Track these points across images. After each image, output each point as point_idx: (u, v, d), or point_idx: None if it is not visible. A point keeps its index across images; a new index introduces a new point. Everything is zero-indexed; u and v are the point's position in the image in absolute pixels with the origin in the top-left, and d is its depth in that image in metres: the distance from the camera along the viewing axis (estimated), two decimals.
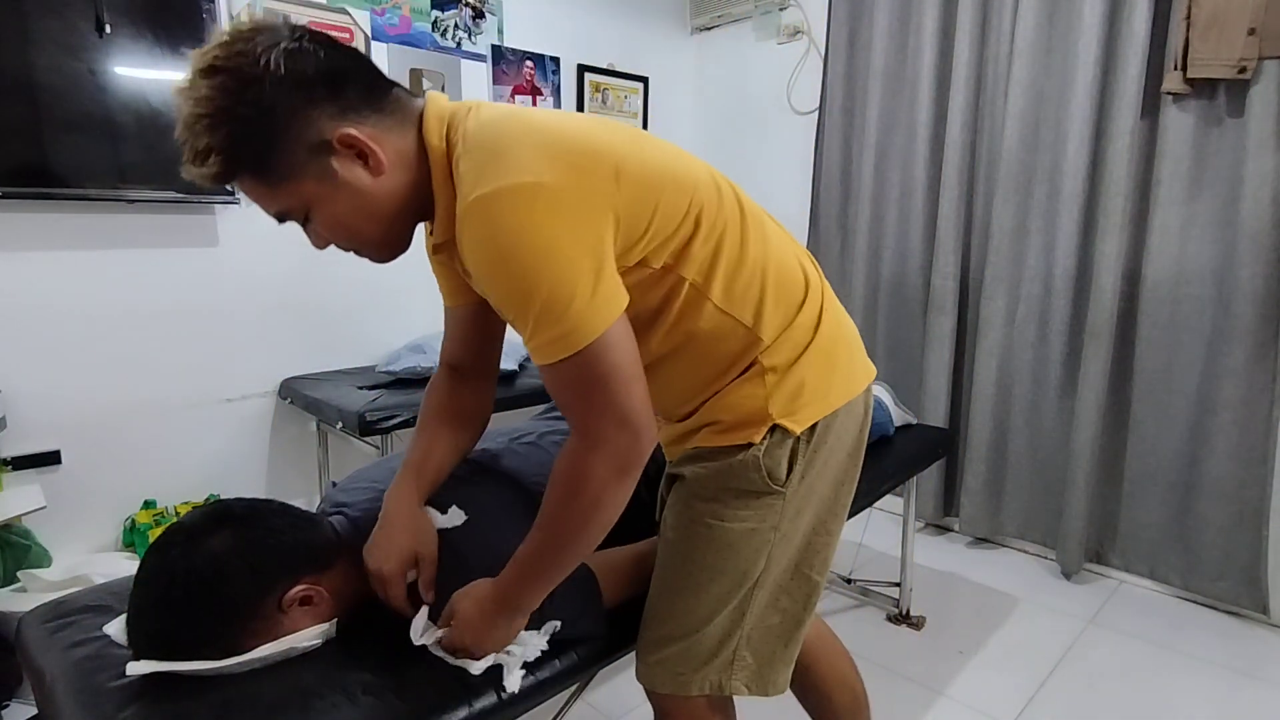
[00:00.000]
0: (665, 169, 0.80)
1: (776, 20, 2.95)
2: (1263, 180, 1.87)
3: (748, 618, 0.93)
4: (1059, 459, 2.29)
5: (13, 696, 1.61)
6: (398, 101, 0.79)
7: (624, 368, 0.75)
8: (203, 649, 0.82)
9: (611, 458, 0.76)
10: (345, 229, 0.80)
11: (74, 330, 1.89)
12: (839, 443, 0.93)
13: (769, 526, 0.90)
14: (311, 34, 0.75)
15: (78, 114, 1.77)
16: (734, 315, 0.85)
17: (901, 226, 2.59)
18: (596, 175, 0.74)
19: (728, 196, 0.86)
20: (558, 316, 0.71)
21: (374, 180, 0.77)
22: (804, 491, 0.91)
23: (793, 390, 0.88)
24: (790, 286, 0.89)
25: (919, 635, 1.97)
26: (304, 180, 0.75)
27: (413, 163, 0.79)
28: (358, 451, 2.29)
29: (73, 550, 1.92)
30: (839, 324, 0.95)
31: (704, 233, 0.82)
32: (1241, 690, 1.74)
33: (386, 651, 0.89)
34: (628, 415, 0.75)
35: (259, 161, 0.73)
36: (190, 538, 0.86)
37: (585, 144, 0.75)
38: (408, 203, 0.80)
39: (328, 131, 0.73)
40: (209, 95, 0.69)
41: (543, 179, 0.70)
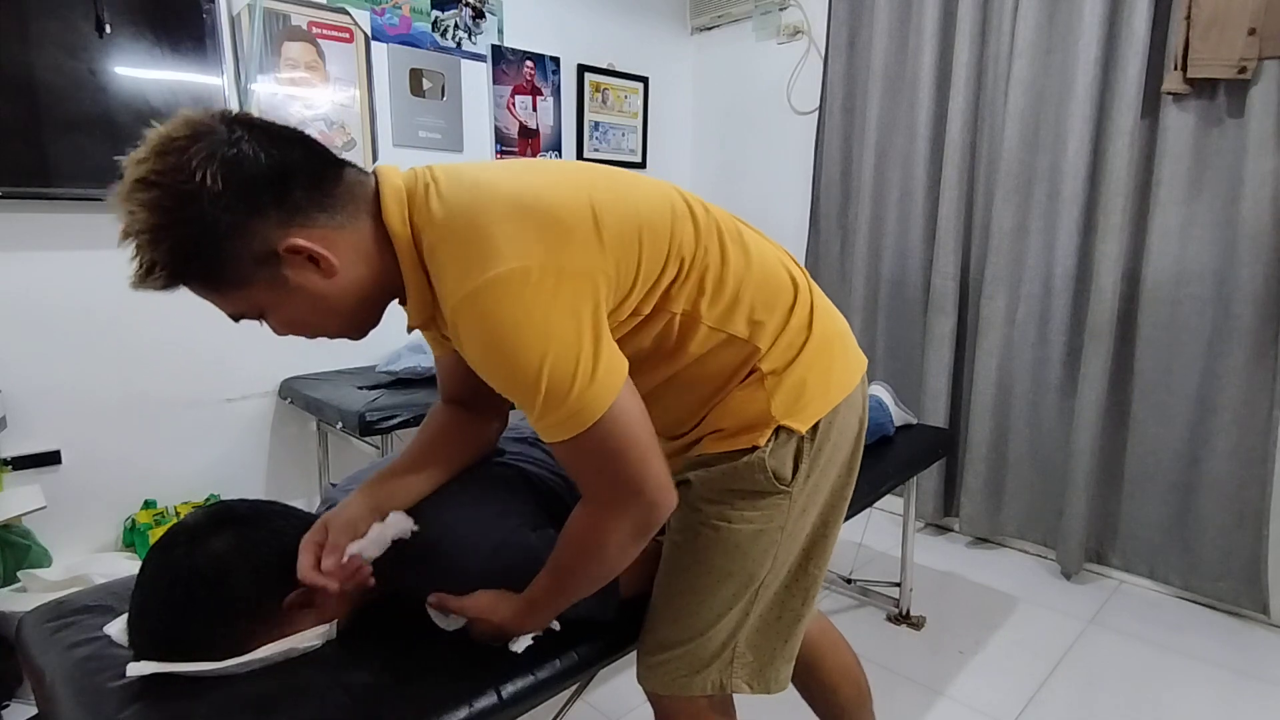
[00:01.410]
0: (637, 215, 0.78)
1: (776, 20, 2.95)
2: (1263, 180, 1.87)
3: (750, 617, 0.94)
4: (1059, 459, 2.29)
5: (13, 696, 1.61)
6: (349, 191, 0.75)
7: (636, 437, 0.75)
8: (204, 650, 0.82)
9: (629, 526, 0.78)
10: (305, 326, 0.79)
11: (74, 330, 1.89)
12: (842, 438, 0.94)
13: (776, 527, 0.90)
14: (251, 129, 0.70)
15: (78, 114, 1.77)
16: (728, 331, 0.85)
17: (901, 226, 2.59)
18: (578, 240, 0.72)
19: (700, 219, 0.85)
20: (562, 399, 0.71)
21: (328, 282, 0.74)
22: (809, 490, 0.91)
23: (794, 391, 0.88)
24: (778, 291, 0.89)
25: (919, 635, 1.97)
26: (254, 288, 0.72)
27: (373, 252, 0.76)
28: (358, 451, 2.29)
29: (73, 550, 1.92)
30: (830, 320, 0.95)
31: (686, 264, 0.82)
32: (1241, 690, 1.74)
33: (387, 652, 0.89)
34: (644, 486, 0.76)
35: (205, 275, 0.71)
36: (193, 538, 0.86)
37: (561, 208, 0.73)
38: (370, 293, 0.79)
39: (274, 242, 0.70)
40: (145, 213, 0.66)
41: (529, 262, 0.68)
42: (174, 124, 0.68)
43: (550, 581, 0.86)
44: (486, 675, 0.87)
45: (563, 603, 0.88)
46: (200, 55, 1.93)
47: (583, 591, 0.87)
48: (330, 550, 0.83)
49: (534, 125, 2.79)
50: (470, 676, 0.87)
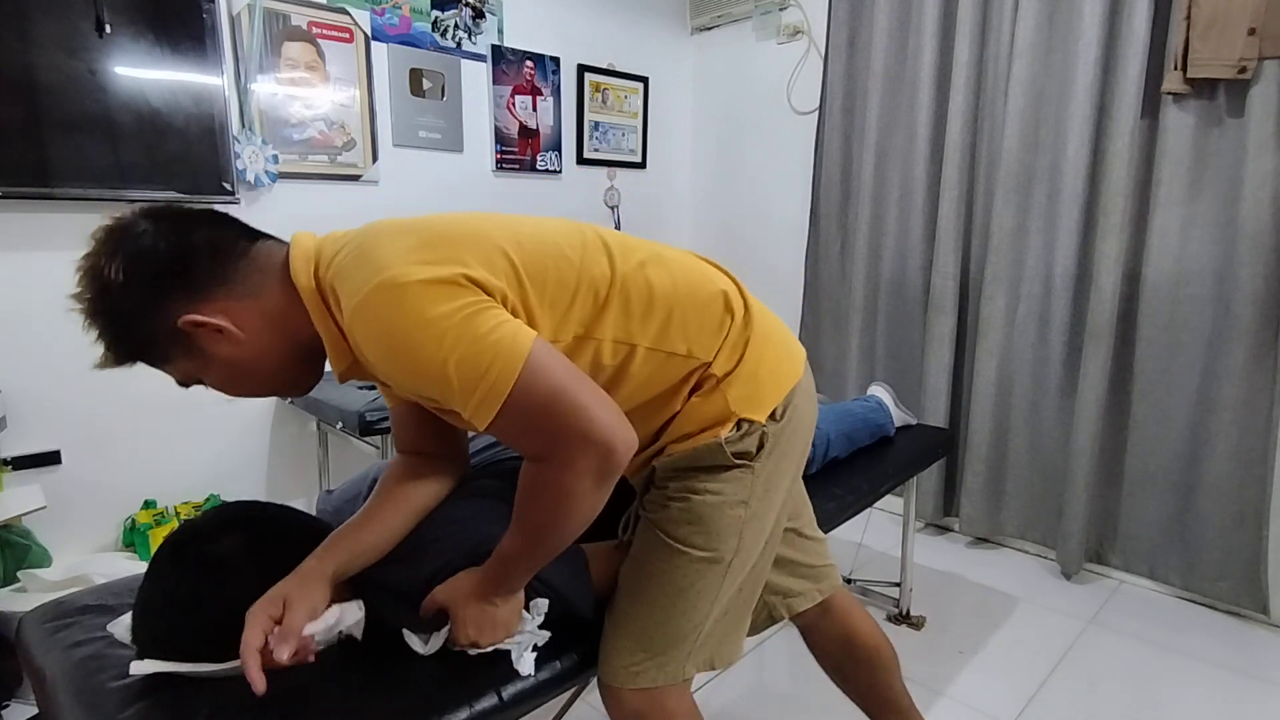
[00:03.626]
0: (545, 244, 0.82)
1: (776, 20, 2.95)
2: (1263, 180, 1.87)
3: (715, 606, 0.94)
4: (1059, 459, 2.29)
5: (13, 696, 1.61)
6: (254, 262, 0.80)
7: (564, 386, 0.73)
8: (208, 650, 0.82)
9: (589, 473, 0.75)
10: (236, 387, 0.85)
11: (74, 330, 1.86)
12: (800, 421, 0.97)
13: (738, 500, 0.92)
14: (159, 221, 0.78)
15: (78, 114, 1.77)
16: (665, 350, 0.87)
17: (901, 226, 2.59)
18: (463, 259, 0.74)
19: (617, 250, 0.87)
20: (474, 376, 0.71)
21: (238, 348, 0.80)
22: (771, 468, 0.94)
23: (749, 385, 0.92)
24: (707, 303, 0.91)
25: (919, 635, 1.97)
26: (178, 360, 0.81)
27: (285, 314, 0.81)
28: (358, 451, 2.29)
29: (73, 550, 1.92)
30: (765, 317, 0.98)
31: (603, 290, 0.83)
32: (1241, 690, 1.74)
33: (387, 652, 0.89)
34: (589, 433, 0.73)
35: (136, 353, 0.80)
36: (200, 539, 0.87)
37: (457, 234, 0.77)
38: (288, 355, 0.83)
39: (176, 322, 0.77)
40: (81, 305, 0.78)
41: (411, 268, 0.72)
42: (100, 227, 0.78)
43: (521, 542, 0.82)
44: (487, 676, 0.87)
45: (537, 561, 0.84)
46: (200, 55, 1.93)
47: (557, 546, 0.83)
48: (284, 635, 0.76)
49: (534, 125, 2.79)
50: (470, 677, 0.87)
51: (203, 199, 2.00)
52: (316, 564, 0.85)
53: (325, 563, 0.85)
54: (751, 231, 3.17)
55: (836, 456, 1.64)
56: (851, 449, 1.72)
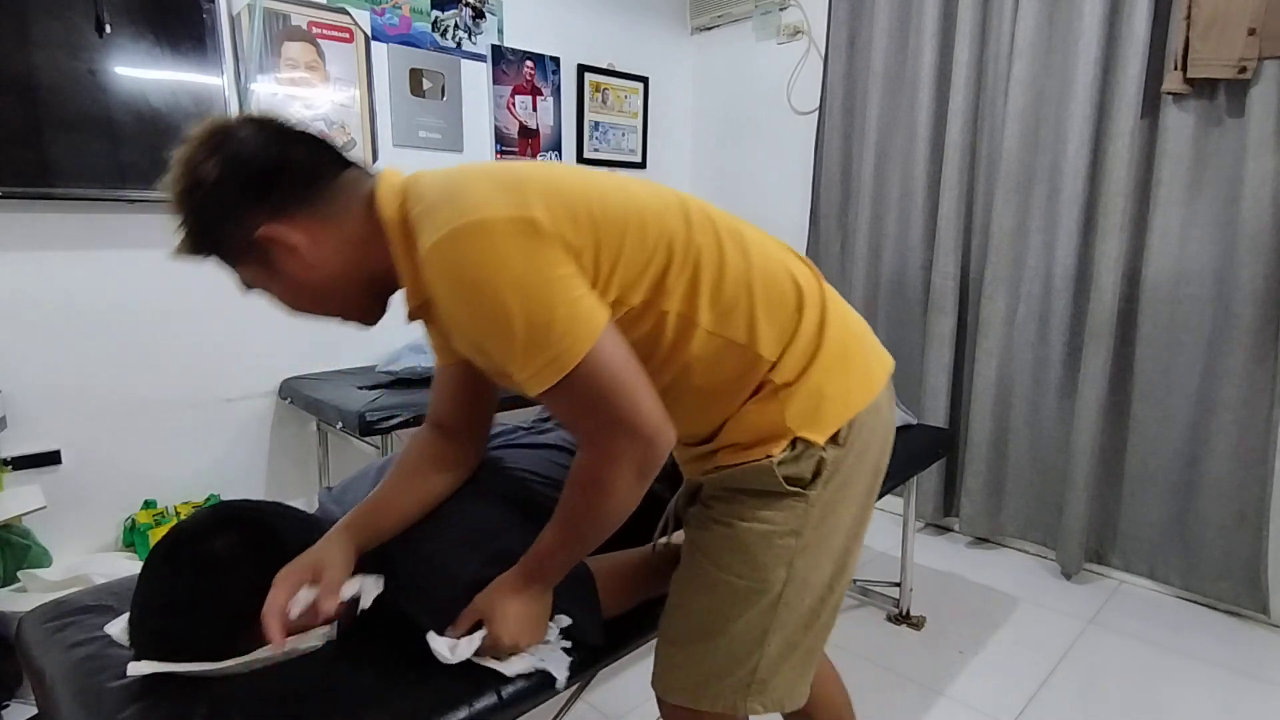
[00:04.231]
0: (628, 205, 0.80)
1: (776, 20, 2.95)
2: (1263, 180, 1.87)
3: (771, 637, 0.89)
4: (1059, 459, 2.29)
5: (13, 696, 1.61)
6: (343, 188, 0.81)
7: (623, 377, 0.74)
8: (205, 650, 0.82)
9: (630, 465, 0.76)
10: (298, 306, 0.85)
11: (74, 330, 1.89)
12: (867, 447, 0.90)
13: (789, 531, 0.86)
14: (262, 129, 0.79)
15: (78, 114, 1.77)
16: (727, 336, 0.83)
17: (901, 226, 2.59)
18: (551, 210, 0.73)
19: (697, 218, 0.84)
20: (541, 341, 0.71)
21: (308, 270, 0.80)
22: (830, 498, 0.87)
23: (811, 400, 0.85)
24: (780, 296, 0.86)
25: (919, 635, 1.97)
26: (249, 266, 0.81)
27: (362, 244, 0.81)
28: (358, 451, 2.29)
29: (73, 550, 1.92)
30: (845, 323, 0.91)
31: (678, 262, 0.80)
32: (1241, 690, 1.74)
33: (387, 653, 0.89)
34: (637, 425, 0.74)
35: (211, 249, 0.81)
36: (196, 538, 0.86)
37: (541, 182, 0.75)
38: (358, 283, 0.83)
39: (256, 230, 0.78)
40: (170, 194, 0.79)
41: (497, 214, 0.70)
42: (202, 124, 0.80)
43: (559, 533, 0.84)
44: (486, 675, 0.87)
45: (575, 553, 0.86)
46: (200, 55, 1.93)
47: (593, 539, 0.84)
48: (327, 590, 0.84)
49: (534, 125, 2.79)
50: (470, 677, 0.87)
51: None
52: (341, 535, 0.88)
53: (348, 537, 0.89)
54: None
55: None
56: None
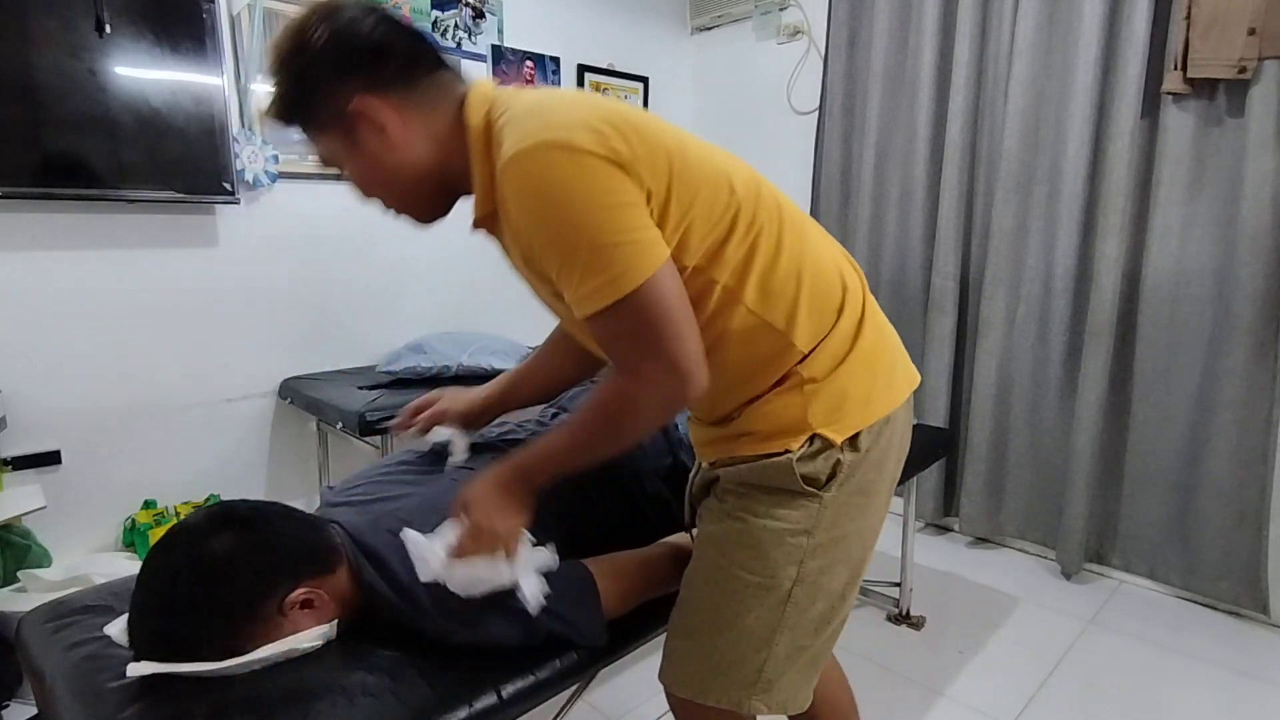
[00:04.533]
0: (706, 166, 0.81)
1: (776, 20, 2.95)
2: (1263, 180, 1.87)
3: (779, 637, 0.89)
4: (1059, 459, 2.29)
5: (13, 696, 1.61)
6: (438, 83, 0.85)
7: (674, 312, 0.75)
8: (204, 650, 0.82)
9: (659, 398, 0.78)
10: (367, 188, 0.88)
11: (74, 330, 1.89)
12: (885, 457, 0.91)
13: (800, 530, 0.87)
14: (374, 12, 0.83)
15: (78, 114, 1.77)
16: (766, 318, 0.84)
17: (901, 226, 2.59)
18: (633, 147, 0.74)
19: (767, 199, 0.85)
20: (603, 262, 0.73)
21: (390, 151, 0.83)
22: (844, 501, 0.88)
23: (834, 400, 0.86)
24: (826, 292, 0.87)
25: (919, 635, 1.97)
26: (333, 137, 0.84)
27: (444, 140, 0.84)
28: (358, 451, 2.29)
29: (73, 550, 1.92)
30: (879, 332, 0.92)
31: (739, 234, 0.82)
32: (1241, 690, 1.74)
33: (386, 653, 0.89)
34: (678, 361, 0.76)
35: (300, 115, 0.84)
36: (193, 538, 0.86)
37: (629, 120, 0.76)
38: (431, 176, 0.85)
39: (350, 102, 0.81)
40: (274, 56, 0.82)
41: (579, 136, 0.72)
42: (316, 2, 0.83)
43: (566, 438, 0.86)
44: (486, 675, 0.87)
45: (573, 460, 0.86)
46: (200, 55, 1.93)
47: (596, 450, 0.86)
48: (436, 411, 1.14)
49: None
50: (470, 676, 0.87)
51: (202, 199, 2.00)
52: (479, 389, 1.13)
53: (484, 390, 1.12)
54: None
55: None
56: None
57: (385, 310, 2.46)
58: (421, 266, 2.54)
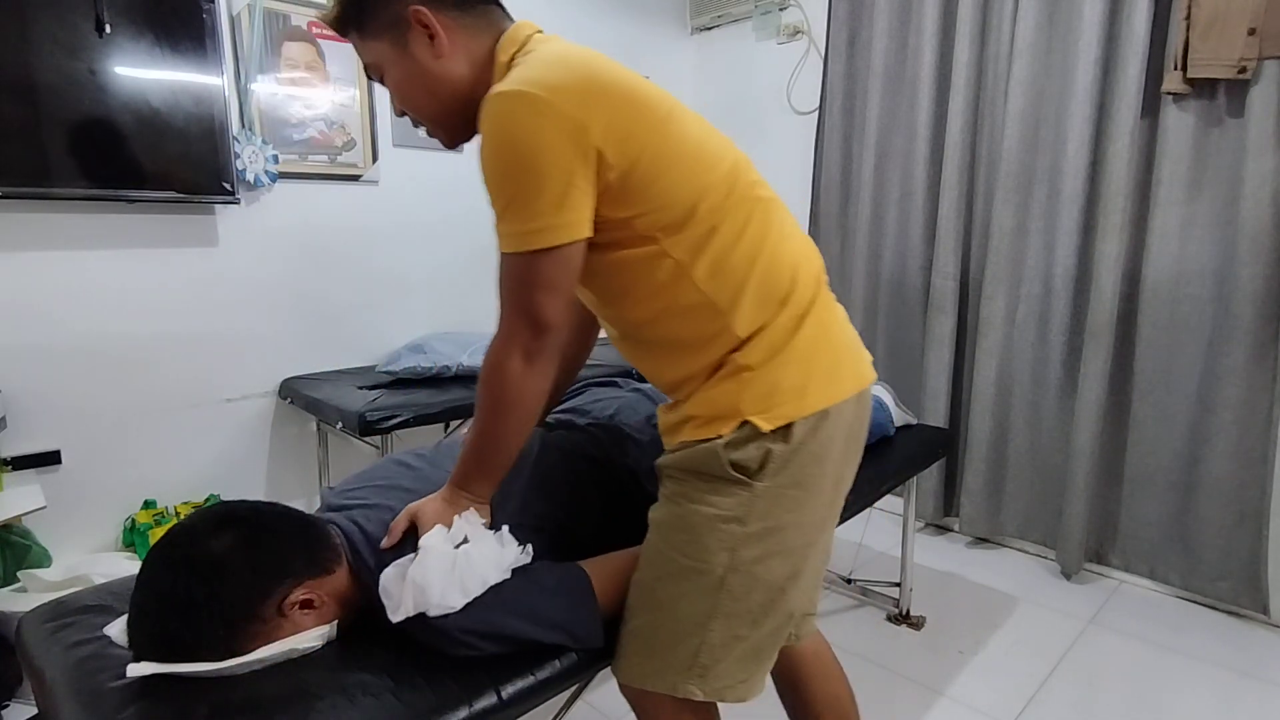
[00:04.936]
0: (685, 147, 0.86)
1: (776, 20, 2.95)
2: (1263, 180, 1.87)
3: (714, 623, 0.90)
4: (1059, 459, 2.29)
5: (13, 696, 1.61)
6: (487, 13, 0.93)
7: (557, 283, 0.84)
8: (203, 650, 0.82)
9: (519, 348, 0.85)
10: (405, 96, 0.94)
11: (74, 330, 1.89)
12: (824, 453, 0.91)
13: (731, 517, 0.89)
14: None
15: (78, 114, 1.77)
16: (712, 298, 0.88)
17: (901, 226, 2.59)
18: (606, 122, 0.80)
19: (742, 188, 0.89)
20: (521, 215, 0.81)
21: (435, 60, 0.90)
22: (778, 493, 0.89)
23: (766, 389, 0.88)
24: (774, 284, 0.90)
25: (919, 635, 1.97)
26: (383, 41, 0.91)
27: (479, 66, 0.91)
28: (358, 451, 2.29)
29: (73, 550, 1.92)
30: (825, 329, 0.94)
31: (701, 215, 0.86)
32: (1242, 690, 1.74)
33: (386, 653, 0.89)
34: (538, 315, 0.84)
35: (357, 16, 0.92)
36: (193, 539, 0.86)
37: (621, 95, 0.82)
38: (461, 96, 0.92)
39: (406, 6, 0.88)
40: None
41: (553, 97, 0.78)
42: None
43: (472, 435, 0.91)
44: (486, 675, 0.87)
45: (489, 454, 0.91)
46: (200, 55, 1.93)
47: (497, 433, 0.90)
48: None
49: None
50: (470, 677, 0.87)
51: (202, 199, 2.00)
52: None
53: None
54: None
55: None
56: None
57: (385, 310, 2.46)
58: (421, 266, 2.54)
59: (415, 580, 0.84)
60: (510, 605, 0.89)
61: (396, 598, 0.86)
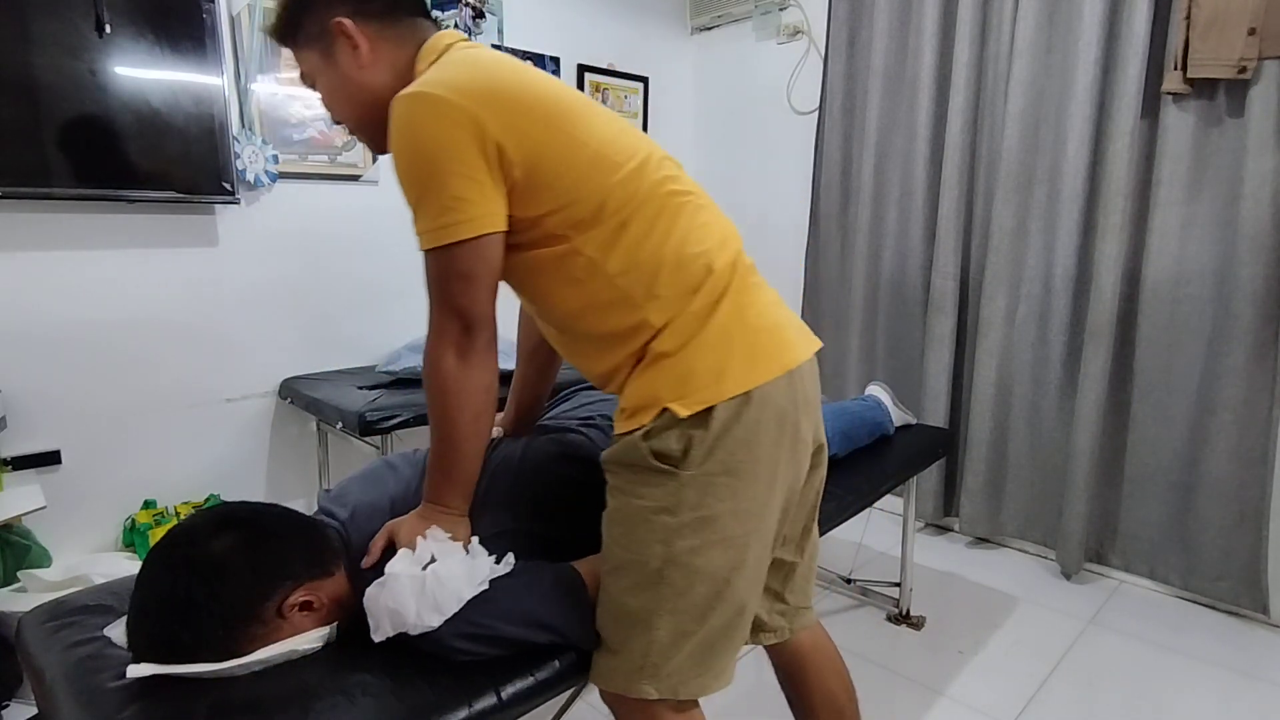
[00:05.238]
0: (587, 148, 0.87)
1: (776, 20, 2.95)
2: (1263, 180, 1.87)
3: (659, 620, 0.88)
4: (1059, 459, 2.29)
5: (13, 696, 1.61)
6: (411, 25, 0.96)
7: (475, 276, 0.85)
8: (203, 651, 0.82)
9: (450, 345, 0.86)
10: (331, 104, 0.99)
11: (74, 330, 1.89)
12: (752, 439, 0.88)
13: (661, 508, 0.87)
14: None
15: (78, 114, 1.77)
16: (625, 290, 0.89)
17: (901, 226, 2.59)
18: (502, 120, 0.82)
19: (649, 184, 0.90)
20: (431, 211, 0.83)
21: (358, 70, 0.95)
22: (706, 481, 0.87)
23: (682, 374, 0.88)
24: (687, 273, 0.90)
25: (919, 635, 1.97)
26: (314, 51, 0.96)
27: (401, 75, 0.94)
28: (358, 451, 2.29)
29: (73, 550, 1.92)
30: (742, 315, 0.91)
31: (610, 212, 0.88)
32: (1241, 690, 1.74)
33: (386, 654, 0.89)
34: (462, 309, 0.86)
35: (292, 30, 0.97)
36: (193, 541, 0.86)
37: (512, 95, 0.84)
38: (384, 102, 0.90)
39: (331, 19, 0.93)
40: None
41: (450, 96, 0.81)
42: None
43: (432, 439, 0.92)
44: (486, 676, 0.87)
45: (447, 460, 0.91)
46: (200, 55, 1.93)
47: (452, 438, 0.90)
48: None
49: None
50: (470, 677, 0.87)
51: (202, 199, 2.00)
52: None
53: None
54: (751, 231, 3.17)
55: (835, 455, 1.65)
56: (850, 448, 1.72)
57: (385, 310, 2.46)
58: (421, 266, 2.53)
59: (388, 605, 0.85)
60: (504, 609, 0.88)
61: (375, 619, 0.86)
